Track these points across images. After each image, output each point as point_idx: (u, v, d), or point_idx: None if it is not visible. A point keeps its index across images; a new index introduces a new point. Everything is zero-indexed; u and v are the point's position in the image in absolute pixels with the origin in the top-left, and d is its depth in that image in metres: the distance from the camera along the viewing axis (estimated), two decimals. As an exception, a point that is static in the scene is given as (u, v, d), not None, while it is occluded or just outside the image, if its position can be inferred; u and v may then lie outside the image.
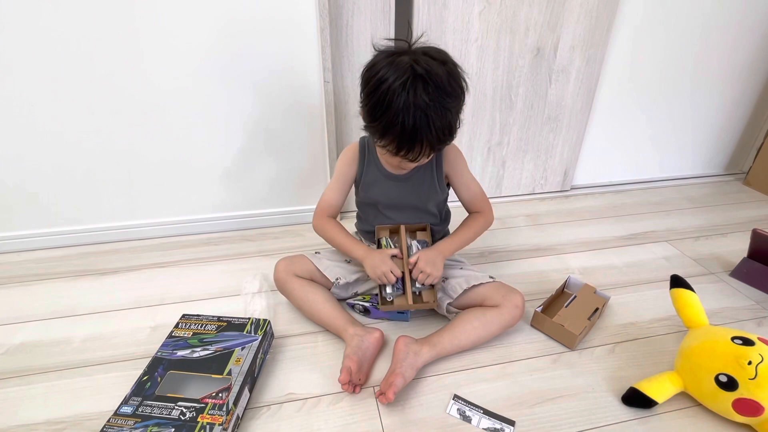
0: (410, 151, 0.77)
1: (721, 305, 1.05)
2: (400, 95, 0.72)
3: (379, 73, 0.75)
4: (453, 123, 0.77)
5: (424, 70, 0.72)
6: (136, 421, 0.69)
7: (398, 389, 0.77)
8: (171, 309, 1.02)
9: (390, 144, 0.77)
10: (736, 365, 0.72)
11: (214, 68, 1.11)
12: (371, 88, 0.76)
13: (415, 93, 0.72)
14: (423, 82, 0.72)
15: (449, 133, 0.78)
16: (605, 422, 0.77)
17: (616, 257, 1.24)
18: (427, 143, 0.76)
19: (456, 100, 0.76)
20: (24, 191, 1.16)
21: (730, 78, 1.54)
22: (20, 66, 1.02)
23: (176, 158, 1.21)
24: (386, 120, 0.74)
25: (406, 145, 0.76)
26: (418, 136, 0.74)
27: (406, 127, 0.73)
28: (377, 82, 0.75)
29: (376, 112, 0.76)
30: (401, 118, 0.72)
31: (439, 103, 0.73)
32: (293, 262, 0.98)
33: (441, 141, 0.77)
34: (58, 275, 1.14)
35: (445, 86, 0.74)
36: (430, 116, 0.73)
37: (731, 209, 1.51)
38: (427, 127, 0.73)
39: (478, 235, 0.98)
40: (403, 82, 0.72)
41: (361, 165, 0.96)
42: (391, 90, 0.72)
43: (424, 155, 0.79)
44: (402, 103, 0.72)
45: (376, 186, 0.95)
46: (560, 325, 0.92)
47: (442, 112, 0.74)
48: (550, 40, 1.31)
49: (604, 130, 1.54)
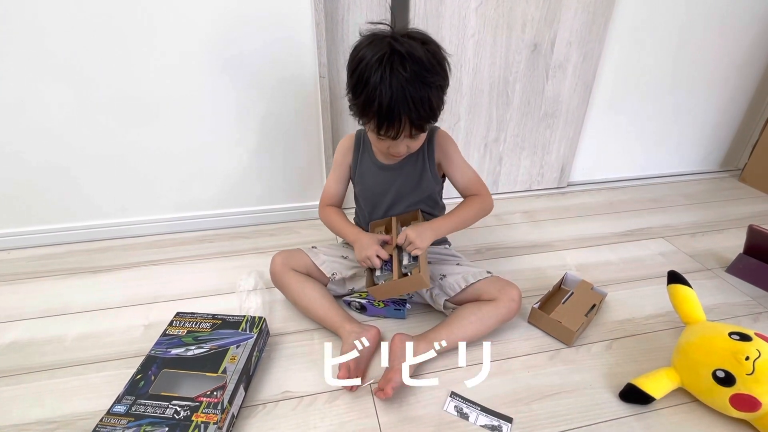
0: (390, 127, 0.77)
1: (717, 301, 1.05)
2: (377, 70, 0.73)
3: (359, 53, 0.76)
4: (433, 98, 0.76)
5: (402, 46, 0.73)
6: (130, 420, 0.68)
7: (397, 385, 0.76)
8: (165, 307, 1.00)
9: (371, 121, 0.78)
10: (733, 361, 0.72)
11: (206, 64, 1.09)
12: (352, 68, 0.78)
13: (391, 67, 0.72)
14: (400, 56, 0.72)
15: (429, 109, 0.76)
16: (602, 418, 0.77)
17: (613, 254, 1.23)
18: (407, 118, 0.75)
19: (436, 76, 0.75)
20: (14, 188, 1.15)
21: (726, 75, 1.54)
22: (11, 62, 1.00)
23: (169, 155, 1.19)
24: (365, 96, 0.75)
25: (385, 120, 0.76)
26: (395, 110, 0.74)
27: (383, 102, 0.73)
28: (357, 61, 0.76)
29: (357, 90, 0.77)
30: (378, 92, 0.73)
31: (416, 77, 0.73)
32: (290, 256, 0.98)
33: (421, 116, 0.76)
34: (50, 273, 1.13)
35: (423, 62, 0.73)
36: (407, 89, 0.72)
37: (727, 206, 1.51)
38: (405, 100, 0.73)
39: (475, 218, 0.95)
40: (379, 58, 0.73)
41: (356, 156, 0.97)
42: (369, 66, 0.73)
43: (405, 132, 0.78)
44: (379, 78, 0.73)
45: (370, 176, 0.96)
46: (557, 322, 0.91)
47: (419, 86, 0.73)
48: (547, 36, 1.30)
49: (600, 126, 1.54)
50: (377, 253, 0.88)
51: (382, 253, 0.88)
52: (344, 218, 1.00)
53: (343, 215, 1.01)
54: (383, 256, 0.88)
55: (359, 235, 0.93)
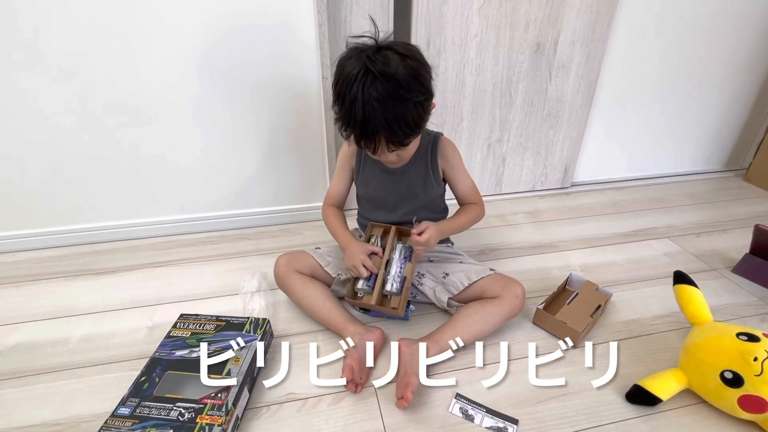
0: (368, 143, 0.78)
1: (723, 302, 1.04)
2: (351, 87, 0.73)
3: (341, 67, 0.77)
4: (409, 115, 0.75)
5: (375, 65, 0.72)
6: (134, 423, 0.68)
7: (415, 388, 0.76)
8: (169, 309, 1.00)
9: (351, 136, 0.79)
10: (741, 361, 0.71)
11: (209, 65, 1.09)
12: (334, 82, 0.79)
13: (364, 85, 0.72)
14: (372, 76, 0.72)
15: (405, 125, 0.76)
16: (609, 420, 0.76)
17: (618, 254, 1.23)
18: (383, 135, 0.76)
19: (412, 92, 0.75)
20: (19, 191, 1.15)
21: (730, 73, 1.53)
22: (14, 65, 1.00)
23: (173, 158, 1.19)
24: (343, 112, 0.77)
25: (362, 137, 0.77)
26: (369, 127, 0.74)
27: (357, 119, 0.74)
28: (337, 75, 0.77)
29: (338, 104, 0.78)
30: (353, 110, 0.74)
31: (390, 95, 0.72)
32: (294, 258, 0.98)
33: (397, 134, 0.76)
34: (55, 275, 1.13)
35: (398, 79, 0.73)
36: (378, 108, 0.72)
37: (732, 205, 1.50)
38: (378, 119, 0.73)
39: (472, 223, 0.99)
40: (355, 74, 0.73)
41: (359, 159, 0.98)
42: (346, 82, 0.74)
43: (382, 148, 0.78)
44: (353, 95, 0.73)
45: (373, 180, 0.97)
46: (563, 323, 0.91)
47: (392, 105, 0.73)
48: (550, 36, 1.30)
49: (604, 126, 1.53)
50: (364, 263, 0.89)
51: (369, 264, 0.89)
52: (341, 222, 1.01)
53: (342, 219, 1.02)
54: (371, 268, 0.89)
55: (350, 242, 0.94)
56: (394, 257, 0.94)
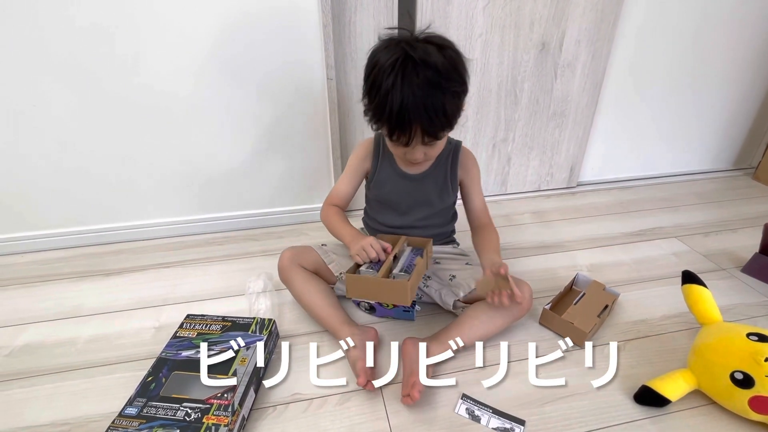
0: (402, 134, 0.75)
1: (732, 302, 1.03)
2: (389, 76, 0.71)
3: (375, 57, 0.75)
4: (447, 105, 0.73)
5: (417, 52, 0.71)
6: (141, 422, 0.68)
7: (422, 387, 0.76)
8: (175, 309, 1.01)
9: (384, 128, 0.77)
10: (752, 362, 0.70)
11: (215, 66, 1.10)
12: (367, 72, 0.76)
13: (404, 73, 0.70)
14: (413, 62, 0.70)
15: (443, 116, 0.74)
16: (617, 421, 0.75)
17: (625, 254, 1.22)
18: (418, 126, 0.73)
19: (451, 82, 0.73)
20: (28, 193, 1.16)
21: (739, 71, 1.52)
22: (22, 66, 1.01)
23: (179, 158, 1.20)
24: (377, 101, 0.74)
25: (396, 128, 0.74)
26: (406, 117, 0.72)
27: (394, 108, 0.71)
28: (372, 65, 0.75)
29: (371, 95, 0.76)
30: (390, 98, 0.71)
31: (429, 84, 0.71)
32: (299, 253, 0.97)
33: (434, 124, 0.74)
34: (62, 276, 1.14)
35: (438, 67, 0.71)
36: (418, 96, 0.70)
37: (741, 204, 1.49)
38: (416, 107, 0.71)
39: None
40: (392, 63, 0.71)
41: (375, 161, 0.95)
42: (382, 71, 0.72)
43: (416, 139, 0.76)
44: (390, 84, 0.71)
45: (389, 184, 0.94)
46: (569, 323, 0.90)
47: (432, 93, 0.71)
48: (556, 35, 1.29)
49: (610, 125, 1.52)
50: (372, 244, 0.83)
51: (378, 246, 0.83)
52: (345, 219, 0.96)
53: (345, 217, 0.97)
54: (378, 251, 0.82)
55: (357, 235, 0.89)
56: (404, 254, 0.90)
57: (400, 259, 0.88)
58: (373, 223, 1.02)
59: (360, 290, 0.82)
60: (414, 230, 0.97)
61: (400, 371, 0.82)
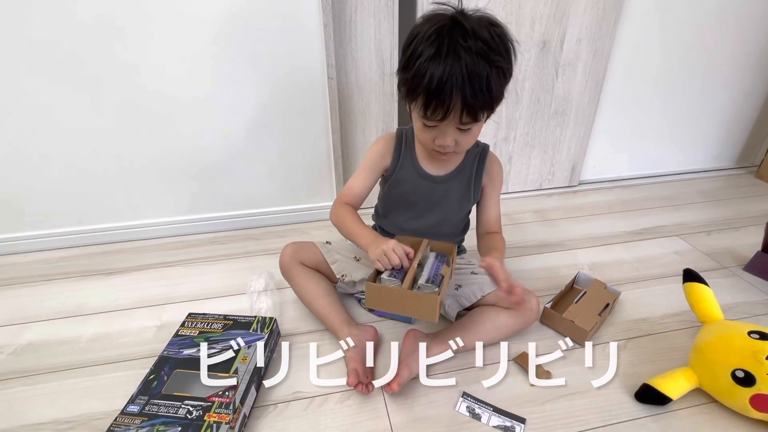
0: (439, 105, 0.68)
1: (734, 300, 1.03)
2: (433, 42, 0.66)
3: (416, 29, 0.70)
4: (492, 80, 0.67)
5: (469, 21, 0.67)
6: (143, 420, 0.68)
7: (403, 380, 0.76)
8: (177, 308, 1.01)
9: (418, 99, 0.70)
10: (753, 360, 0.70)
11: (216, 66, 1.10)
12: (406, 43, 0.71)
13: (450, 38, 0.65)
14: (462, 29, 0.66)
15: (487, 91, 0.67)
16: (618, 419, 0.75)
17: (626, 252, 1.22)
18: (459, 96, 0.66)
19: (499, 56, 0.68)
20: (30, 193, 1.17)
21: (741, 69, 1.51)
22: (22, 66, 1.02)
23: (181, 157, 1.20)
24: (416, 69, 0.68)
25: (434, 97, 0.67)
26: (447, 83, 0.65)
27: (435, 74, 0.65)
28: (413, 36, 0.70)
29: (408, 65, 0.70)
30: (431, 64, 0.66)
31: (478, 52, 0.65)
32: (301, 249, 0.95)
33: (476, 97, 0.67)
34: (65, 275, 1.14)
35: (488, 39, 0.66)
36: (464, 62, 0.65)
37: (743, 203, 1.48)
38: (460, 74, 0.65)
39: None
40: (438, 29, 0.66)
41: (395, 158, 0.89)
42: (424, 38, 0.67)
43: (454, 113, 0.69)
44: (434, 50, 0.65)
45: (409, 183, 0.89)
46: (570, 321, 0.90)
47: (478, 61, 0.65)
48: (557, 33, 1.29)
49: (612, 124, 1.52)
50: (395, 249, 0.73)
51: (400, 250, 0.74)
52: (359, 219, 0.88)
53: (359, 217, 0.89)
54: (400, 256, 0.73)
55: (376, 237, 0.81)
56: (428, 260, 0.82)
57: (424, 267, 0.80)
58: (384, 222, 0.99)
59: (381, 301, 0.74)
60: (424, 235, 0.89)
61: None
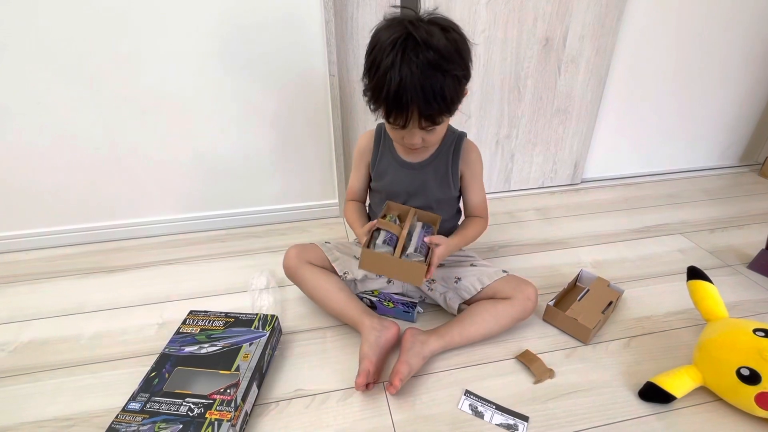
0: (399, 115, 0.73)
1: (739, 298, 1.02)
2: (389, 54, 0.70)
3: (377, 36, 0.74)
4: (447, 88, 0.71)
5: (420, 31, 0.69)
6: (144, 418, 0.68)
7: (403, 377, 0.75)
8: (178, 305, 1.01)
9: (381, 108, 0.75)
10: (758, 358, 0.69)
11: (217, 63, 1.10)
12: (368, 50, 0.75)
13: (404, 51, 0.69)
14: (414, 42, 0.69)
15: (442, 100, 0.72)
16: (622, 417, 0.75)
17: (629, 250, 1.21)
18: (415, 107, 0.71)
19: (452, 64, 0.71)
20: (31, 190, 1.16)
21: (745, 67, 1.50)
22: (24, 63, 1.01)
23: (182, 155, 1.20)
24: (376, 80, 0.72)
25: (393, 107, 0.73)
26: (403, 97, 0.70)
27: (392, 87, 0.70)
28: (373, 43, 0.74)
29: (370, 74, 0.74)
30: (388, 77, 0.70)
31: (429, 65, 0.69)
32: (305, 249, 0.96)
33: (431, 107, 0.72)
34: (66, 273, 1.14)
35: (440, 49, 0.70)
36: (416, 76, 0.69)
37: (747, 201, 1.47)
38: (414, 88, 0.69)
39: (477, 237, 0.96)
40: (393, 41, 0.70)
41: (375, 152, 0.94)
42: (382, 49, 0.71)
43: (413, 122, 0.74)
44: (390, 63, 0.69)
45: (389, 174, 0.93)
46: (573, 319, 0.90)
47: (431, 74, 0.69)
48: (559, 30, 1.28)
49: (614, 121, 1.51)
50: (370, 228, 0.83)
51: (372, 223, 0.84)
52: (358, 215, 0.97)
53: (359, 212, 0.98)
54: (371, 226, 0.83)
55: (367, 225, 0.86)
56: (415, 230, 0.88)
57: (412, 236, 0.86)
58: (378, 212, 0.99)
59: (374, 265, 0.82)
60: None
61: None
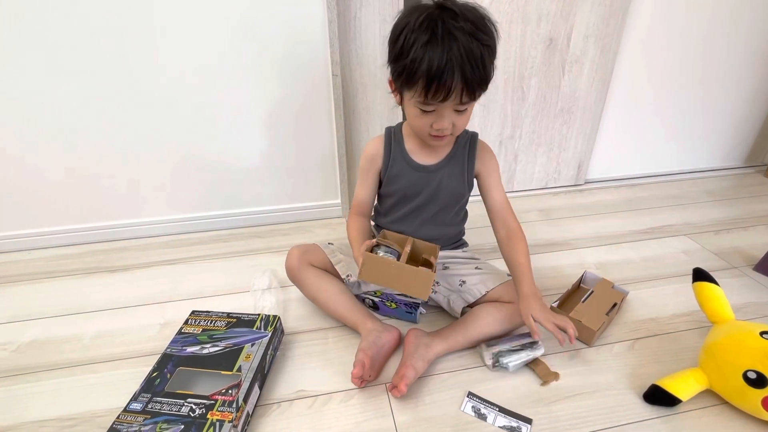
0: (440, 87, 0.69)
1: (745, 300, 1.01)
2: (426, 29, 0.68)
3: (401, 22, 0.72)
4: (486, 58, 0.70)
5: (453, 5, 0.70)
6: (146, 418, 0.68)
7: (410, 381, 0.75)
8: (180, 306, 1.01)
9: (417, 86, 0.71)
10: (766, 361, 0.68)
11: (219, 64, 1.10)
12: (395, 36, 0.73)
13: (443, 22, 0.68)
14: (451, 13, 0.69)
15: (483, 67, 0.70)
16: (626, 420, 0.74)
17: (634, 252, 1.20)
18: (460, 75, 0.69)
19: (487, 36, 0.71)
20: (34, 190, 1.17)
21: (751, 67, 1.49)
22: (28, 63, 1.02)
23: (184, 155, 1.20)
24: (412, 57, 0.69)
25: (435, 80, 0.69)
26: (447, 66, 0.68)
27: (433, 60, 0.68)
28: (400, 28, 0.72)
29: (402, 55, 0.71)
30: (428, 49, 0.68)
31: (468, 33, 0.68)
32: (308, 251, 0.95)
33: (474, 75, 0.70)
34: (68, 273, 1.14)
35: (475, 20, 0.69)
36: (461, 42, 0.67)
37: (752, 202, 1.46)
38: (458, 55, 0.67)
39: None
40: (427, 17, 0.69)
41: (386, 157, 0.90)
42: (415, 28, 0.69)
43: (455, 93, 0.70)
44: (428, 37, 0.68)
45: (403, 177, 0.90)
46: (578, 321, 0.89)
47: (471, 41, 0.68)
48: (563, 30, 1.28)
49: (618, 122, 1.50)
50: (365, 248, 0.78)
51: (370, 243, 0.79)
52: (359, 234, 0.89)
53: (361, 230, 0.90)
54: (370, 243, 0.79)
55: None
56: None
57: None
58: (383, 221, 0.98)
59: (376, 274, 0.75)
60: (424, 227, 0.92)
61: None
